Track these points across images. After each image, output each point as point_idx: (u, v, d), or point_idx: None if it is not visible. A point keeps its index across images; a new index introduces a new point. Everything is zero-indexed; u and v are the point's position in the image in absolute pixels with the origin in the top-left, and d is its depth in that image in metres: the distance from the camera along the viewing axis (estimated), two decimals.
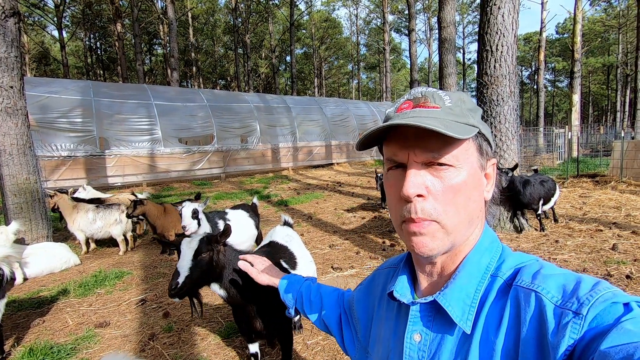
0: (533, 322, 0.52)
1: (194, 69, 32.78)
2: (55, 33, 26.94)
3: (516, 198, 5.06)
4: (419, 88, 0.66)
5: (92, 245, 5.69)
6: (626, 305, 0.47)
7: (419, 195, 0.58)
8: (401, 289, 0.69)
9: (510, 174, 4.89)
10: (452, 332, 0.60)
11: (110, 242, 5.83)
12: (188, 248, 1.83)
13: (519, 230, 5.24)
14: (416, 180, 0.58)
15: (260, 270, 1.23)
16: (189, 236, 1.95)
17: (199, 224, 3.66)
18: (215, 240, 1.91)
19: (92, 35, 32.62)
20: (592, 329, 0.46)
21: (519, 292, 0.55)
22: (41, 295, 3.93)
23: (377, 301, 0.81)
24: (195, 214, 3.64)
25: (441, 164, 0.59)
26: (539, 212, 5.18)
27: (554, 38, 43.86)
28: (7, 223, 5.17)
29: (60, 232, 6.33)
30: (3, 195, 5.30)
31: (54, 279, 4.48)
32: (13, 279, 4.32)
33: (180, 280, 1.74)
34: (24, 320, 3.37)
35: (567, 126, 14.18)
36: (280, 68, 39.69)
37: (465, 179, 0.60)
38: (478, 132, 0.62)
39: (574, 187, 8.25)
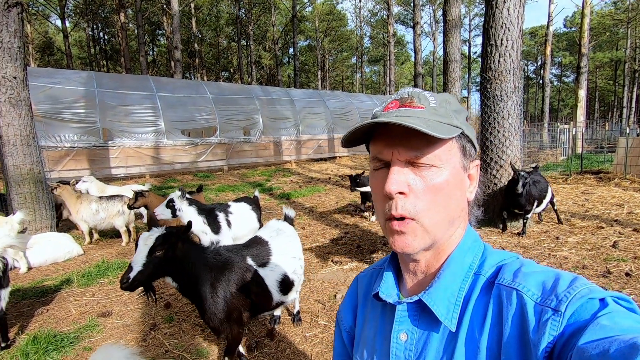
0: (515, 320, 0.53)
1: (197, 60, 32.65)
2: (59, 23, 26.89)
3: (514, 199, 4.82)
4: (407, 88, 0.67)
5: (95, 236, 5.75)
6: (602, 300, 0.49)
7: (401, 193, 0.60)
8: (386, 289, 0.70)
9: (527, 179, 4.60)
10: (437, 331, 0.61)
11: (113, 233, 5.88)
12: (144, 244, 1.90)
13: (503, 229, 5.19)
14: (398, 178, 0.60)
15: None
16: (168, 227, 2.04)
17: (173, 214, 3.73)
18: (175, 236, 1.97)
19: (95, 26, 32.47)
20: (571, 325, 0.48)
21: (501, 291, 0.57)
22: (45, 284, 3.99)
23: (362, 302, 0.81)
24: (169, 203, 3.73)
25: (424, 163, 0.60)
26: (530, 214, 4.95)
27: (561, 32, 43.24)
28: (11, 213, 5.22)
29: (63, 223, 6.39)
30: (7, 186, 5.35)
31: (58, 268, 4.54)
32: (16, 267, 4.39)
33: (132, 275, 1.85)
34: (28, 309, 3.43)
35: (571, 122, 14.07)
36: (283, 60, 39.46)
37: (447, 179, 0.61)
38: (461, 133, 0.63)
39: (577, 183, 8.21)
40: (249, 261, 2.34)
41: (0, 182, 7.92)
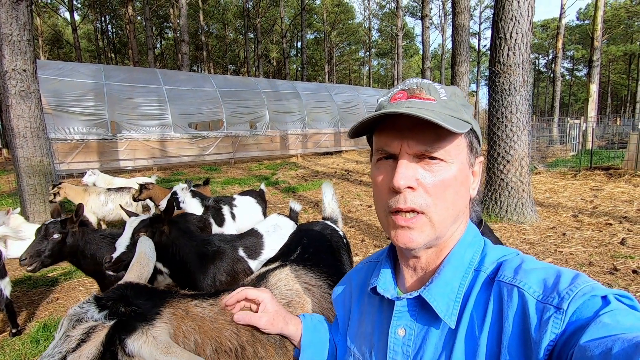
0: (516, 318, 0.52)
1: (204, 53, 32.67)
2: (67, 15, 27.05)
3: None
4: (414, 79, 0.65)
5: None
6: (604, 298, 0.48)
7: (409, 188, 0.58)
8: (384, 284, 0.69)
9: None
10: (437, 327, 0.60)
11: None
12: (129, 227, 1.93)
13: None
14: (407, 172, 0.58)
15: (265, 315, 0.82)
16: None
17: (177, 206, 3.85)
18: (161, 221, 1.98)
19: (103, 18, 32.63)
20: (573, 323, 0.47)
21: (502, 288, 0.55)
22: (54, 273, 4.07)
23: (357, 296, 0.80)
24: (172, 196, 3.84)
25: (433, 158, 0.58)
26: None
27: (574, 25, 42.30)
28: (22, 204, 5.32)
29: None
30: (18, 177, 5.44)
31: None
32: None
33: (114, 255, 1.86)
34: (39, 297, 3.51)
35: (582, 117, 13.83)
36: (291, 54, 39.28)
37: (455, 175, 0.60)
38: (470, 129, 0.61)
39: (586, 179, 8.10)
40: (241, 252, 2.35)
41: (12, 174, 8.04)
